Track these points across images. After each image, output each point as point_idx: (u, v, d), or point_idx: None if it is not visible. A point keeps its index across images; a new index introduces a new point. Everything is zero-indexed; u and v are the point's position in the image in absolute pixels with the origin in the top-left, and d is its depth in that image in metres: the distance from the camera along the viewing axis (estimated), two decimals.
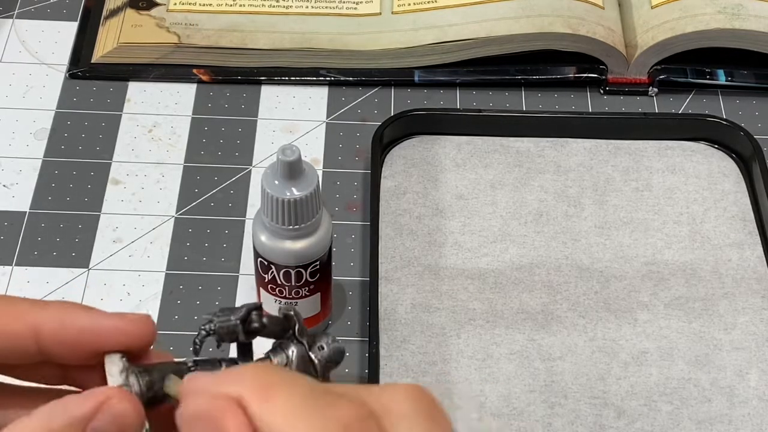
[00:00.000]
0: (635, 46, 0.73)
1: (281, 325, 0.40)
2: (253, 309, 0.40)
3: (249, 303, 0.40)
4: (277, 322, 0.40)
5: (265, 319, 0.40)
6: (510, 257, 0.64)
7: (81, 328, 0.39)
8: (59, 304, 0.40)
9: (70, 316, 0.39)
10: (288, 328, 0.40)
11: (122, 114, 0.72)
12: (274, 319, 0.40)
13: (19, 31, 0.76)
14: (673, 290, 0.63)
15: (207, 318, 0.40)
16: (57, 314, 0.39)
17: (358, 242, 0.65)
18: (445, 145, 0.70)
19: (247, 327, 0.40)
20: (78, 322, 0.39)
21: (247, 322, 0.40)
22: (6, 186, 0.68)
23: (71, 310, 0.39)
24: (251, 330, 0.40)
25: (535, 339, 0.61)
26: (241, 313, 0.40)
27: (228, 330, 0.40)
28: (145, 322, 0.40)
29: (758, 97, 0.74)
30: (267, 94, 0.73)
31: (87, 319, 0.39)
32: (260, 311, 0.40)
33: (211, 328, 0.40)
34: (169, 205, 0.67)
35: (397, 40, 0.73)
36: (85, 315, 0.39)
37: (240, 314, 0.40)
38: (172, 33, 0.74)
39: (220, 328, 0.40)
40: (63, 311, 0.39)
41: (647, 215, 0.67)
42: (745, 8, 0.72)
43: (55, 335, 0.39)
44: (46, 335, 0.39)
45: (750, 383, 0.60)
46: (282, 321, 0.41)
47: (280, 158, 0.51)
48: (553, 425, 0.58)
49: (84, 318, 0.39)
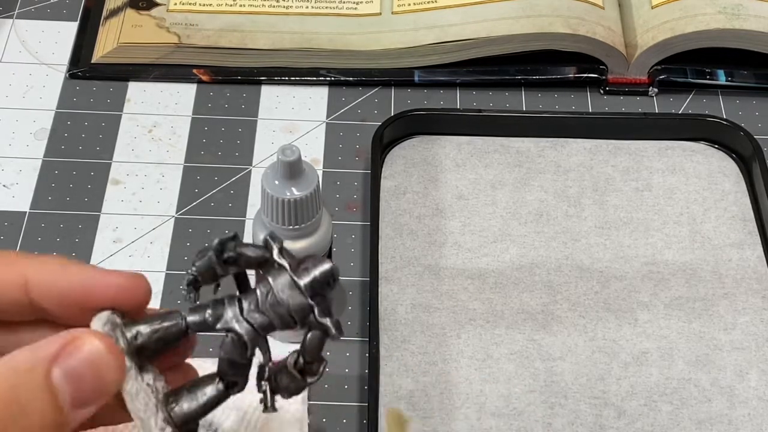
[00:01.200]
0: (635, 46, 0.73)
1: (260, 252, 0.39)
2: (227, 240, 0.38)
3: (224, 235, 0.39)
4: (255, 250, 0.39)
5: (241, 248, 0.38)
6: (510, 257, 0.64)
7: (71, 280, 0.38)
8: (51, 257, 0.39)
9: (61, 269, 0.38)
10: (269, 254, 0.39)
11: (122, 114, 0.72)
12: (251, 247, 0.38)
13: (19, 31, 0.76)
14: (674, 290, 0.63)
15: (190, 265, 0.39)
16: (48, 266, 0.38)
17: (358, 242, 0.65)
18: (445, 145, 0.70)
19: (221, 257, 0.38)
20: (68, 274, 0.38)
21: (222, 252, 0.38)
22: (6, 186, 0.68)
23: (63, 263, 0.39)
24: (228, 260, 0.38)
25: (535, 339, 0.61)
26: (216, 244, 0.38)
27: (205, 267, 0.38)
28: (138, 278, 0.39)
29: (758, 97, 0.74)
30: (267, 94, 0.73)
31: (78, 273, 0.38)
32: (235, 240, 0.38)
33: (191, 271, 0.39)
34: (169, 205, 0.67)
35: (397, 40, 0.73)
36: (77, 268, 0.38)
37: (215, 244, 0.38)
38: (172, 33, 0.74)
39: (198, 267, 0.38)
40: (54, 263, 0.38)
41: (647, 215, 0.67)
42: (745, 8, 0.72)
43: (44, 286, 0.38)
44: (35, 285, 0.38)
45: (750, 383, 0.60)
46: (261, 248, 0.39)
47: (280, 158, 0.51)
48: (553, 425, 0.58)
49: (75, 271, 0.38)
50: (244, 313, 0.39)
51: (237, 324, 0.39)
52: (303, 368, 0.40)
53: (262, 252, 0.38)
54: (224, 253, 0.38)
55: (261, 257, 0.38)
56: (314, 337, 0.39)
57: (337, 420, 0.58)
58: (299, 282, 0.38)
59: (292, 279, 0.38)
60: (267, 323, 0.39)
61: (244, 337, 0.39)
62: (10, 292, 0.38)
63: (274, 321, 0.39)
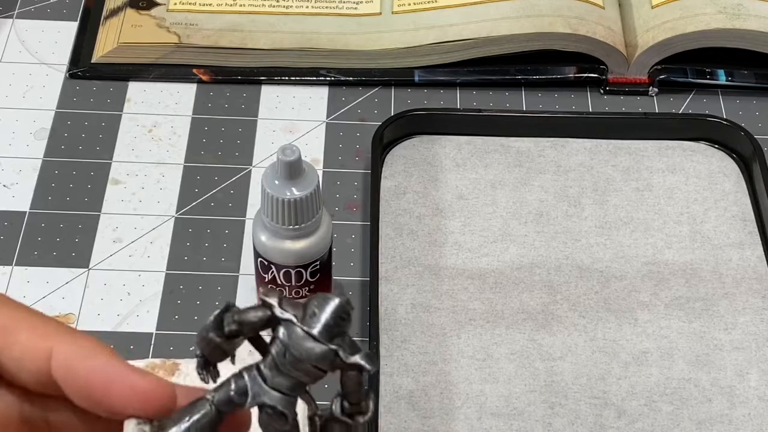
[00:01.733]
0: (635, 45, 0.73)
1: (261, 313, 0.36)
2: (222, 313, 0.36)
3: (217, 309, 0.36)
4: (255, 313, 0.36)
5: (238, 315, 0.36)
6: (510, 257, 0.64)
7: (93, 367, 0.36)
8: (85, 337, 0.37)
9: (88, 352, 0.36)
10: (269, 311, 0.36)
11: (122, 114, 0.72)
12: (250, 312, 0.36)
13: (19, 31, 0.76)
14: (674, 290, 0.63)
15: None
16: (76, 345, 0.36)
17: (358, 242, 0.65)
18: (445, 145, 0.70)
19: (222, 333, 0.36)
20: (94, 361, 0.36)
21: (222, 328, 0.36)
22: (6, 186, 0.68)
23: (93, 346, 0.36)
24: (230, 334, 0.36)
25: (535, 339, 0.61)
26: (211, 322, 0.36)
27: (207, 345, 0.36)
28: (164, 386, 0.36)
29: (758, 97, 0.74)
30: (267, 94, 0.73)
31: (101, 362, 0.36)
32: (230, 311, 0.36)
33: (196, 352, 0.37)
34: (169, 205, 0.67)
35: (397, 40, 0.73)
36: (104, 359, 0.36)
37: (210, 322, 0.36)
38: (172, 33, 0.74)
39: (203, 350, 0.36)
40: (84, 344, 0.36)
41: (647, 215, 0.67)
42: (745, 8, 0.72)
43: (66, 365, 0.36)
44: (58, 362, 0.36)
45: (750, 383, 0.60)
46: (260, 307, 0.36)
47: (280, 158, 0.51)
48: (554, 425, 0.58)
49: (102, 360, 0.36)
50: (268, 382, 0.36)
51: (266, 397, 0.36)
52: (351, 411, 0.37)
53: (263, 312, 0.36)
54: (224, 328, 0.36)
55: (264, 318, 0.36)
56: (350, 378, 0.36)
57: None
58: (312, 332, 0.35)
59: (303, 331, 0.35)
60: (295, 383, 0.36)
61: (278, 408, 0.36)
62: (34, 362, 0.36)
63: (301, 379, 0.36)
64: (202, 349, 0.36)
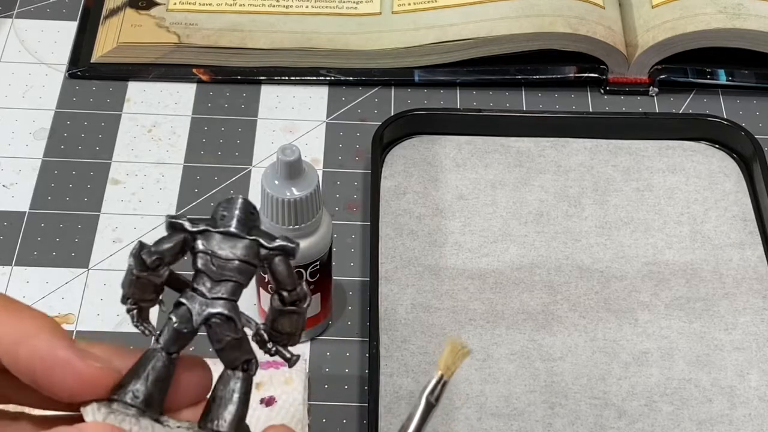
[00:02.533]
0: (636, 45, 0.73)
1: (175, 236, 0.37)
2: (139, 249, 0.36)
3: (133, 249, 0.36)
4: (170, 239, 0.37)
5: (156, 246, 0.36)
6: (510, 257, 0.64)
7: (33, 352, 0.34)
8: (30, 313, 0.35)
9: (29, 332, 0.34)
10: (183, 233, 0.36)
11: (122, 114, 0.71)
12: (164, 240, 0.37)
13: (18, 31, 0.76)
14: (674, 290, 0.63)
15: None
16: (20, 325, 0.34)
17: (358, 242, 0.65)
18: (445, 145, 0.69)
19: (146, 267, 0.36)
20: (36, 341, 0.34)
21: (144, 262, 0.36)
22: (6, 186, 0.67)
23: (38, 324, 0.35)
24: (152, 265, 0.36)
25: (535, 339, 0.61)
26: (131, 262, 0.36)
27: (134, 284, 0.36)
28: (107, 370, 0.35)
29: (759, 96, 0.74)
30: (267, 94, 0.73)
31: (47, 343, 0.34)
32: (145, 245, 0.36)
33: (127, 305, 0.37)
34: (169, 205, 0.67)
35: (397, 40, 0.73)
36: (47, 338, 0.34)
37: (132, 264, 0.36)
38: (171, 33, 0.74)
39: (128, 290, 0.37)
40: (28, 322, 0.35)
41: (648, 215, 0.67)
42: (745, 8, 0.72)
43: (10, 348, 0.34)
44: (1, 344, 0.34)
45: (751, 383, 0.60)
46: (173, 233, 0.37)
47: (280, 158, 0.51)
48: (554, 425, 0.58)
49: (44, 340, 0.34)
50: (207, 296, 0.37)
51: (209, 308, 0.37)
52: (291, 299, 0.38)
53: (177, 236, 0.37)
54: (145, 260, 0.36)
55: (180, 240, 0.37)
56: (278, 265, 0.37)
57: (337, 420, 0.58)
58: (230, 230, 0.36)
59: (221, 233, 0.36)
60: (233, 287, 0.37)
61: (224, 313, 0.37)
62: None
63: (237, 279, 0.37)
64: (132, 294, 0.37)
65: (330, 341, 0.61)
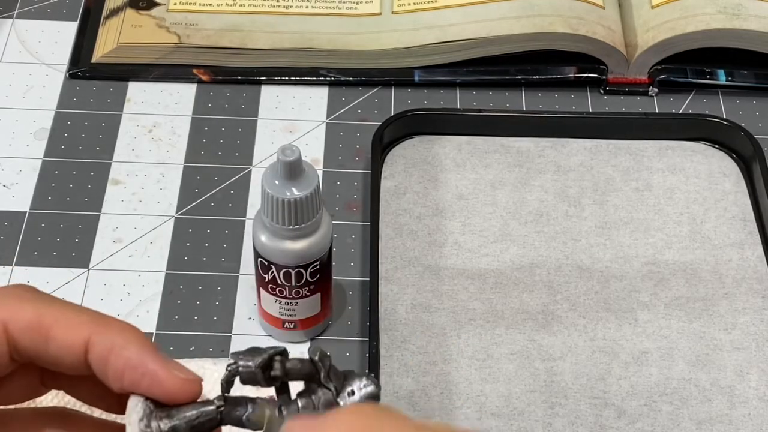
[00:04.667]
0: (635, 45, 0.73)
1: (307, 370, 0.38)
2: (276, 354, 0.38)
3: (275, 347, 0.38)
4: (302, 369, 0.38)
5: (289, 365, 0.38)
6: (510, 257, 0.64)
7: (127, 360, 0.38)
8: (119, 326, 0.39)
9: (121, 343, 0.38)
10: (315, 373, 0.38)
11: (122, 114, 0.72)
12: (297, 365, 0.38)
13: (19, 31, 0.76)
14: (674, 290, 0.63)
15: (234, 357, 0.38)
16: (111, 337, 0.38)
17: (358, 242, 0.65)
18: (445, 145, 0.70)
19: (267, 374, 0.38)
20: (127, 353, 0.38)
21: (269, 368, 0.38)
22: (6, 186, 0.68)
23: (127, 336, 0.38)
24: (273, 377, 0.38)
25: (535, 339, 0.61)
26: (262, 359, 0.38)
27: (248, 376, 0.38)
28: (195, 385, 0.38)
29: (758, 97, 0.74)
30: (267, 94, 0.73)
31: (136, 355, 0.38)
32: (284, 356, 0.38)
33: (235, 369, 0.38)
34: (169, 205, 0.67)
35: (397, 40, 0.73)
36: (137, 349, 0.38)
37: (261, 360, 0.38)
38: (172, 33, 0.74)
39: (242, 372, 0.38)
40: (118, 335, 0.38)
41: (647, 215, 0.67)
42: (745, 8, 0.72)
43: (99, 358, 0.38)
44: (94, 355, 0.38)
45: (750, 383, 0.60)
46: (308, 366, 0.38)
47: (280, 158, 0.51)
48: (554, 425, 0.58)
49: (134, 352, 0.38)
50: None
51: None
52: None
53: (309, 370, 0.38)
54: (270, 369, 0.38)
55: (308, 375, 0.38)
56: None
57: None
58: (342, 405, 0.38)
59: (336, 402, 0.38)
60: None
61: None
62: (73, 356, 0.38)
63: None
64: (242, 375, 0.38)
65: (330, 341, 0.61)
